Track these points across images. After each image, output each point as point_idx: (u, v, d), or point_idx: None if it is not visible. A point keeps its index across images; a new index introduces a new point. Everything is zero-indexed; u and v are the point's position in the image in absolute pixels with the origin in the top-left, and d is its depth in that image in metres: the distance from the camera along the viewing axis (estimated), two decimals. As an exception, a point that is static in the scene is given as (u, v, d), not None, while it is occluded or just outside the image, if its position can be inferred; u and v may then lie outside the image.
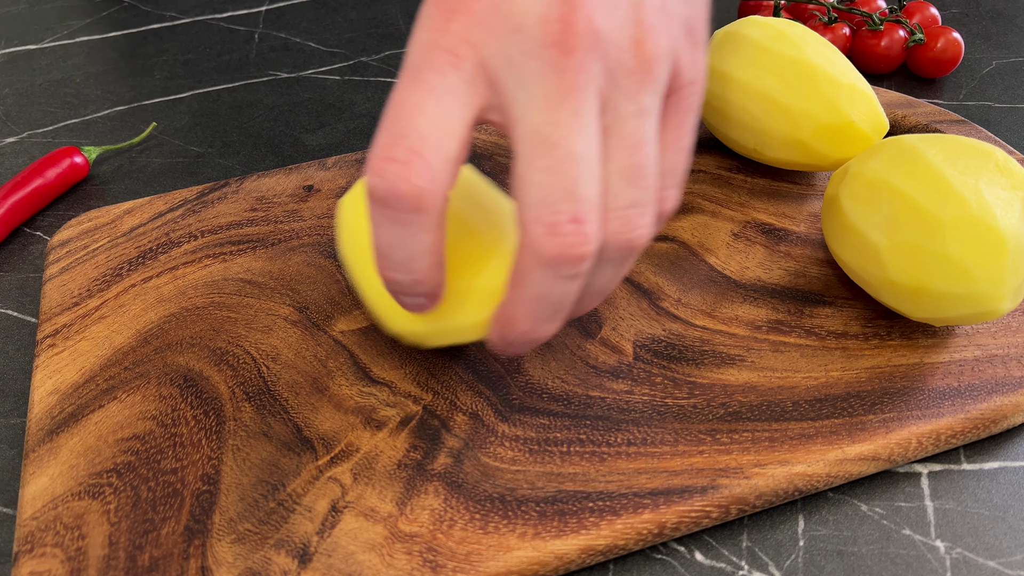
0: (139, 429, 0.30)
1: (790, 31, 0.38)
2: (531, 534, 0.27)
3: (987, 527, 0.29)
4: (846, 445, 0.29)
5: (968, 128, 0.42)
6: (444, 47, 0.22)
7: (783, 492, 0.28)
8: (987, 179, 0.30)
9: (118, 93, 0.54)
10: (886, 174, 0.31)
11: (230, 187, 0.41)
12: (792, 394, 0.31)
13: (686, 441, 0.29)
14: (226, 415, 0.31)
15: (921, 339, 0.33)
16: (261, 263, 0.37)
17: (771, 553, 0.28)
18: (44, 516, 0.28)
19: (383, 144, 0.22)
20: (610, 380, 0.32)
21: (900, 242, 0.30)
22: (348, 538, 0.27)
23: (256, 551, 0.26)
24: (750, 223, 0.38)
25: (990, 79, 0.52)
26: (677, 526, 0.27)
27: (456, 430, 0.30)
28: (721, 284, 0.35)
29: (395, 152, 0.22)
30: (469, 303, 0.28)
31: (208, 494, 0.28)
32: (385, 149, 0.22)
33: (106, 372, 0.32)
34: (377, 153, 0.22)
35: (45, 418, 0.31)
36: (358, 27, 0.61)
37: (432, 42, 0.22)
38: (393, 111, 0.22)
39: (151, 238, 0.39)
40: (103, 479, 0.29)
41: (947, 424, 0.30)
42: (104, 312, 0.35)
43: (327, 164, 0.42)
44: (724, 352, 0.32)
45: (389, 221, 0.23)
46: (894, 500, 0.29)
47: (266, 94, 0.53)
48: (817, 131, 0.37)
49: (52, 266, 0.37)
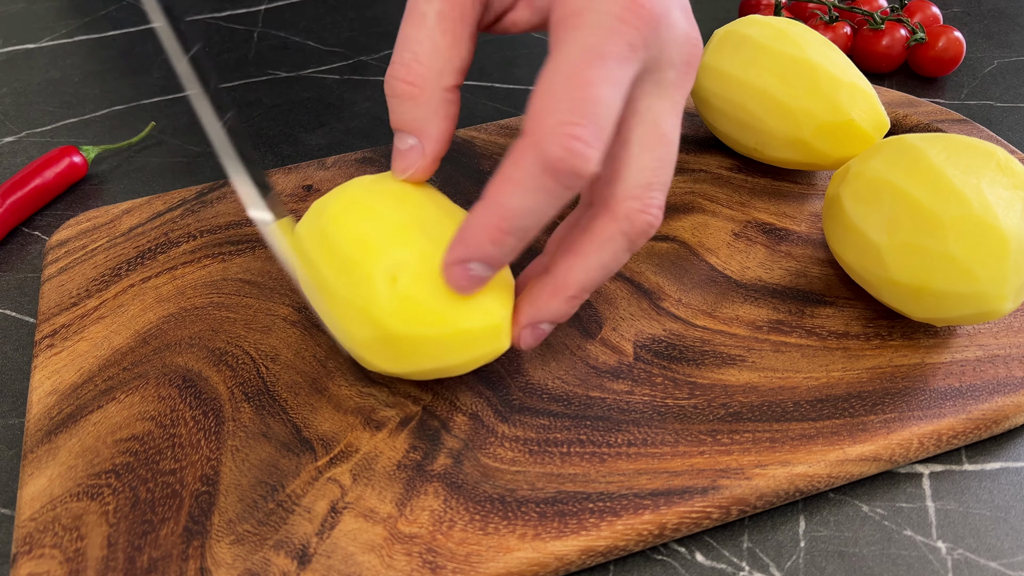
0: (138, 430, 0.30)
1: (791, 30, 0.38)
2: (531, 535, 0.27)
3: (989, 528, 0.29)
4: (847, 446, 0.29)
5: (969, 127, 0.42)
6: (627, 39, 0.24)
7: (784, 493, 0.28)
8: (989, 179, 0.30)
9: (117, 92, 0.54)
10: (887, 173, 0.31)
11: (229, 187, 0.41)
12: (793, 394, 0.31)
13: (687, 442, 0.29)
14: (225, 416, 0.31)
15: (922, 339, 0.33)
16: (260, 263, 0.37)
17: (772, 554, 0.28)
18: (42, 517, 0.28)
19: (569, 117, 0.23)
20: (610, 380, 0.32)
21: (901, 242, 0.30)
22: (347, 539, 0.27)
23: (255, 552, 0.26)
24: (751, 223, 0.38)
25: (991, 78, 0.52)
26: (678, 527, 0.27)
27: (456, 431, 0.30)
28: (722, 284, 0.35)
29: (582, 131, 0.23)
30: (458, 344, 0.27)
31: (207, 495, 0.28)
32: (571, 125, 0.23)
33: (105, 373, 0.32)
34: (561, 124, 0.23)
35: (43, 419, 0.31)
36: (357, 26, 0.61)
37: (614, 30, 0.24)
38: (578, 85, 0.23)
39: (150, 238, 0.39)
40: (102, 480, 0.29)
41: (949, 424, 0.30)
42: (103, 312, 0.35)
43: (326, 164, 0.42)
44: (725, 352, 0.32)
45: (546, 189, 0.24)
46: (895, 501, 0.29)
47: (265, 93, 0.53)
48: (818, 130, 0.37)
49: (50, 266, 0.37)
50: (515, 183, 0.24)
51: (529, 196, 0.24)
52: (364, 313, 0.27)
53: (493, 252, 0.25)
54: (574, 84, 0.23)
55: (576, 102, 0.23)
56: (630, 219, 0.27)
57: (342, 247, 0.28)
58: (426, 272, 0.27)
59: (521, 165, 0.24)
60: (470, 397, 0.31)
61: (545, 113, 0.23)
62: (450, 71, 0.27)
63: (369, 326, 0.27)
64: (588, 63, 0.23)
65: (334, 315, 0.28)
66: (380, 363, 0.28)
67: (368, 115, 0.51)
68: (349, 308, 0.27)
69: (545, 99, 0.23)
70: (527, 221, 0.24)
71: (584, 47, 0.24)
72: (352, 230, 0.28)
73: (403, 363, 0.28)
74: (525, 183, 0.24)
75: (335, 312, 0.28)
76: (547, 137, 0.23)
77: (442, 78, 0.27)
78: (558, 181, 0.23)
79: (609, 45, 0.24)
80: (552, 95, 0.23)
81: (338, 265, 0.28)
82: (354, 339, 0.28)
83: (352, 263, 0.27)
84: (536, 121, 0.23)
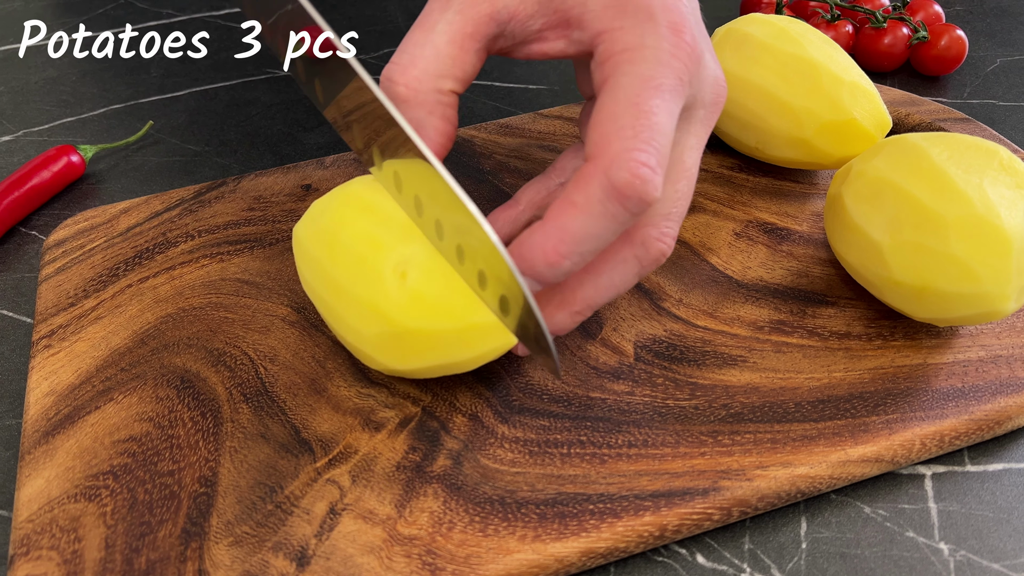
0: (136, 431, 0.30)
1: (792, 28, 0.38)
2: (531, 536, 0.27)
3: (992, 529, 0.29)
4: (849, 446, 0.29)
5: (972, 126, 0.42)
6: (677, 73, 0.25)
7: (785, 494, 0.28)
8: (991, 178, 0.30)
9: (114, 91, 0.54)
10: (889, 173, 0.31)
11: (227, 186, 0.41)
12: (794, 395, 0.31)
13: (687, 443, 0.29)
14: (223, 417, 0.31)
15: (925, 339, 0.33)
16: (259, 263, 0.37)
17: (773, 555, 0.28)
18: (40, 519, 0.28)
19: (635, 144, 0.24)
20: (611, 381, 0.31)
21: (903, 241, 0.30)
22: (346, 541, 0.27)
23: (254, 554, 0.26)
24: (752, 222, 0.38)
25: (994, 77, 0.52)
26: (678, 528, 0.27)
27: (455, 431, 0.30)
28: (723, 284, 0.35)
29: (648, 157, 0.24)
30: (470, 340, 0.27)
31: (205, 496, 0.28)
32: (637, 151, 0.24)
33: (102, 373, 0.32)
34: (628, 151, 0.24)
35: (41, 420, 0.31)
36: (357, 25, 0.61)
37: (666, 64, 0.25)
38: (640, 113, 0.24)
39: (148, 238, 0.39)
40: (99, 481, 0.29)
41: (951, 425, 0.30)
42: (100, 313, 0.35)
43: (325, 163, 0.42)
44: (726, 353, 0.32)
45: (610, 215, 0.24)
46: (897, 502, 0.29)
47: (264, 92, 0.53)
48: (819, 129, 0.37)
49: (48, 266, 0.37)
50: (579, 207, 0.24)
51: (592, 221, 0.24)
52: (374, 309, 0.27)
53: (546, 273, 0.25)
54: (637, 112, 0.24)
55: (640, 129, 0.24)
56: (645, 246, 0.27)
57: (349, 245, 0.28)
58: (435, 267, 0.27)
59: (586, 190, 0.24)
60: (470, 398, 0.31)
61: (610, 139, 0.24)
62: (450, 77, 0.27)
63: (379, 322, 0.27)
64: (648, 93, 0.24)
65: (342, 313, 0.28)
66: (388, 360, 0.28)
67: (367, 114, 0.51)
68: (358, 305, 0.28)
69: (608, 126, 0.24)
70: (587, 246, 0.25)
71: (643, 78, 0.24)
72: (359, 228, 0.28)
73: (412, 359, 0.28)
74: (590, 208, 0.24)
75: (343, 310, 0.28)
76: (614, 163, 0.24)
77: (439, 81, 0.27)
78: (623, 206, 0.24)
79: (664, 77, 0.25)
80: (616, 122, 0.24)
81: (346, 263, 0.28)
82: (362, 336, 0.28)
83: (360, 260, 0.27)
84: (601, 148, 0.24)
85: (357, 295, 0.27)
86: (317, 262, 0.29)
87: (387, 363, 0.28)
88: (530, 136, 0.44)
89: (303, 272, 0.30)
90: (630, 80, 0.25)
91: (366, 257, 0.27)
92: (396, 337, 0.27)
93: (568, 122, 0.45)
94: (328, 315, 0.29)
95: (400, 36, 0.59)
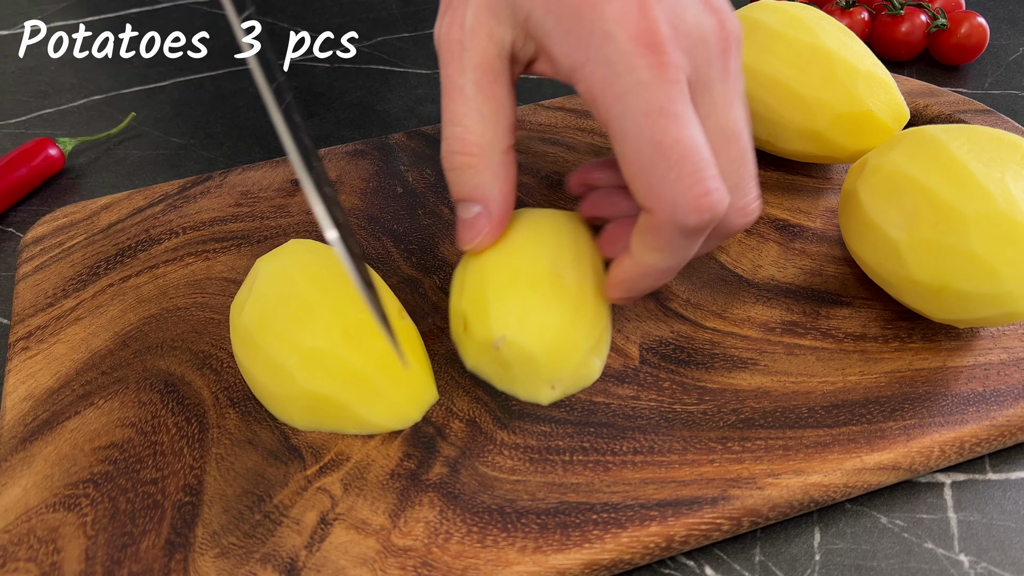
0: (117, 437, 0.30)
1: (805, 15, 0.38)
2: (531, 548, 0.27)
3: (1014, 540, 0.29)
4: (864, 454, 0.29)
5: (994, 118, 0.42)
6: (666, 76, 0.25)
7: (798, 503, 0.28)
8: (1014, 172, 0.30)
9: (95, 81, 0.54)
10: (907, 167, 0.31)
11: (213, 181, 0.41)
12: (807, 400, 0.31)
13: (695, 449, 0.29)
14: (209, 422, 0.31)
15: (944, 341, 0.33)
16: (246, 261, 0.37)
17: (785, 568, 0.28)
18: (17, 529, 0.28)
19: (686, 181, 0.25)
20: (615, 385, 0.32)
21: (922, 239, 0.30)
22: (338, 552, 0.27)
23: (241, 566, 0.27)
24: (763, 219, 0.38)
25: (1017, 66, 0.52)
26: (686, 539, 0.27)
27: (452, 438, 0.30)
28: (732, 283, 0.35)
29: (707, 182, 0.25)
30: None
31: (190, 506, 0.28)
32: (692, 185, 0.25)
33: (82, 377, 0.32)
34: (683, 193, 0.25)
35: (18, 425, 0.31)
36: (348, 11, 0.61)
37: (647, 83, 0.25)
38: (668, 147, 0.25)
39: (130, 235, 0.39)
40: (79, 490, 0.29)
41: (972, 431, 0.30)
42: (80, 313, 0.35)
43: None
44: (736, 355, 0.32)
45: (689, 244, 0.27)
46: (915, 512, 0.29)
47: (250, 82, 0.53)
48: (834, 121, 0.37)
49: (25, 264, 0.37)
50: (660, 250, 0.27)
51: (680, 254, 0.27)
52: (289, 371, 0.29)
53: (645, 288, 0.29)
54: (664, 151, 0.25)
55: (678, 166, 0.25)
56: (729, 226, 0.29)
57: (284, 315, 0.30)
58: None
59: (662, 236, 0.27)
60: (467, 402, 0.31)
61: (659, 192, 0.25)
62: (502, 133, 0.29)
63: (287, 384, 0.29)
64: (659, 126, 0.25)
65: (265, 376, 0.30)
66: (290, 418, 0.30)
67: (359, 105, 0.51)
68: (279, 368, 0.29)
69: (648, 177, 0.25)
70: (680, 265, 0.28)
71: (643, 113, 0.25)
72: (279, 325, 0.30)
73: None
74: (672, 247, 0.27)
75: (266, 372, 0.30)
76: (676, 212, 0.25)
77: (497, 142, 0.29)
78: (704, 231, 0.26)
79: (657, 97, 0.25)
80: (654, 171, 0.25)
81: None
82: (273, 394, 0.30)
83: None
84: (655, 200, 0.26)
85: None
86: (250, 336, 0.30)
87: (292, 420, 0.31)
88: (531, 128, 0.44)
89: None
90: (633, 122, 0.25)
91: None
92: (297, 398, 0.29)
93: (570, 114, 0.45)
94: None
95: (395, 24, 0.59)
